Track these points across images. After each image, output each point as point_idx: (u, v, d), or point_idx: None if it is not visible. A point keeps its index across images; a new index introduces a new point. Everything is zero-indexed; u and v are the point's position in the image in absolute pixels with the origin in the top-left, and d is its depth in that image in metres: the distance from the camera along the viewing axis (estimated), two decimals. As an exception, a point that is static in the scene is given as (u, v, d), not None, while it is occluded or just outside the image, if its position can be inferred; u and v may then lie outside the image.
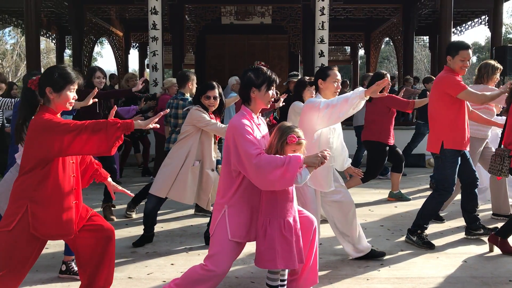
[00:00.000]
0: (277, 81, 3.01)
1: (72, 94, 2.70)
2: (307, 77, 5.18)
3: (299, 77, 6.59)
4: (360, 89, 3.33)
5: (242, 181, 2.85)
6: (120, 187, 3.09)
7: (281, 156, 2.71)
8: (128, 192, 3.10)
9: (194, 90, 5.10)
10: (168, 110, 3.48)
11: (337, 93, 3.75)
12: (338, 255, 4.05)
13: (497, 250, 4.15)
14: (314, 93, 4.14)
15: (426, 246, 4.27)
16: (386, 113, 5.92)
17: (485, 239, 4.33)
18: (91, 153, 2.65)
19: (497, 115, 5.25)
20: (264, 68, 3.01)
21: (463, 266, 3.85)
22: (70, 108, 2.74)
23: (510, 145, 4.06)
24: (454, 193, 5.05)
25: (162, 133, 6.33)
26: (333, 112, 3.41)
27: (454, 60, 4.20)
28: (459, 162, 4.28)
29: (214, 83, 4.22)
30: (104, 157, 5.35)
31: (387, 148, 5.99)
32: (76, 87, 2.72)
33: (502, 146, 4.16)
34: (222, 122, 4.40)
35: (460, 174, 4.35)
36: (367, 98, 3.34)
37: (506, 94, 4.20)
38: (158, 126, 2.83)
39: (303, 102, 4.97)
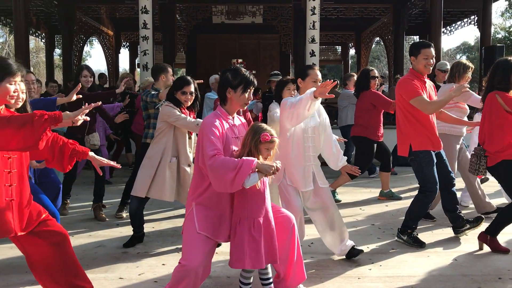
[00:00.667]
0: (255, 83, 3.01)
1: (13, 87, 2.55)
2: (289, 76, 5.22)
3: (281, 77, 6.64)
4: (312, 89, 3.36)
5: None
6: (106, 161, 2.99)
7: (235, 160, 2.71)
8: (114, 163, 3.03)
9: (169, 83, 5.02)
10: (100, 103, 3.41)
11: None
12: (329, 254, 4.05)
13: (486, 248, 4.19)
14: (295, 92, 4.24)
15: (417, 244, 4.29)
16: (371, 110, 5.99)
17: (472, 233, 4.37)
18: (19, 148, 2.45)
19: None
20: (243, 69, 3.01)
21: (453, 264, 3.88)
22: (12, 101, 2.58)
23: (484, 145, 4.10)
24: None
25: (140, 134, 6.26)
26: (293, 113, 3.46)
27: (418, 60, 4.22)
28: (435, 161, 4.29)
29: (189, 78, 4.19)
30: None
31: (375, 144, 6.03)
32: (18, 79, 2.58)
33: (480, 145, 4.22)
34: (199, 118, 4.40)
35: (441, 176, 4.37)
36: (318, 99, 3.33)
37: (468, 92, 4.22)
38: (88, 118, 2.76)
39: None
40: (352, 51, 20.10)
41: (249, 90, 2.96)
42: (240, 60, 8.66)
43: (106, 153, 6.86)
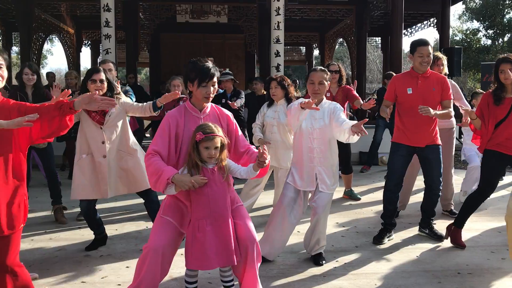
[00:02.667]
0: (213, 75, 2.89)
1: None
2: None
3: (231, 76, 6.71)
4: (300, 100, 3.63)
5: None
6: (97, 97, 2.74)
7: (159, 166, 2.72)
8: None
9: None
10: None
11: (316, 94, 3.72)
12: (294, 252, 4.08)
13: (446, 244, 4.31)
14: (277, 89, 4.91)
15: (376, 241, 4.42)
16: None
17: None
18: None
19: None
20: (203, 61, 2.92)
21: (415, 260, 3.97)
22: None
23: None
24: (406, 190, 5.19)
25: None
26: (289, 119, 3.76)
27: (414, 57, 4.35)
28: (403, 155, 4.43)
29: (100, 67, 4.13)
30: (44, 159, 5.14)
31: None
32: None
33: None
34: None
35: (423, 175, 4.55)
36: (306, 110, 3.54)
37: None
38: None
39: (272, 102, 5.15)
40: (316, 52, 20.34)
41: (205, 84, 2.87)
42: (210, 59, 8.63)
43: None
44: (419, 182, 5.31)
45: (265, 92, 6.67)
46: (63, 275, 3.58)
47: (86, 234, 4.59)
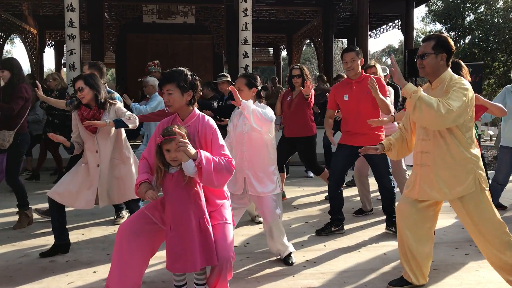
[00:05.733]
0: (161, 84, 2.90)
1: None
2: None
3: (227, 78, 6.54)
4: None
5: None
6: None
7: (140, 170, 2.95)
8: None
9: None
10: None
11: (262, 102, 3.84)
12: (264, 253, 4.09)
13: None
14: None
15: (317, 232, 4.68)
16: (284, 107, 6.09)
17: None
18: None
19: None
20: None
21: (382, 258, 4.04)
22: None
23: None
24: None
25: None
26: None
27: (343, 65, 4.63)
28: (346, 155, 4.62)
29: (82, 74, 4.03)
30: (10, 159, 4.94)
31: (286, 140, 5.98)
32: None
33: None
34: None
35: (373, 174, 4.75)
36: None
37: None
38: None
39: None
40: (284, 53, 20.48)
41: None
42: (156, 61, 8.51)
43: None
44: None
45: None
46: (27, 283, 3.47)
47: (52, 240, 4.47)
